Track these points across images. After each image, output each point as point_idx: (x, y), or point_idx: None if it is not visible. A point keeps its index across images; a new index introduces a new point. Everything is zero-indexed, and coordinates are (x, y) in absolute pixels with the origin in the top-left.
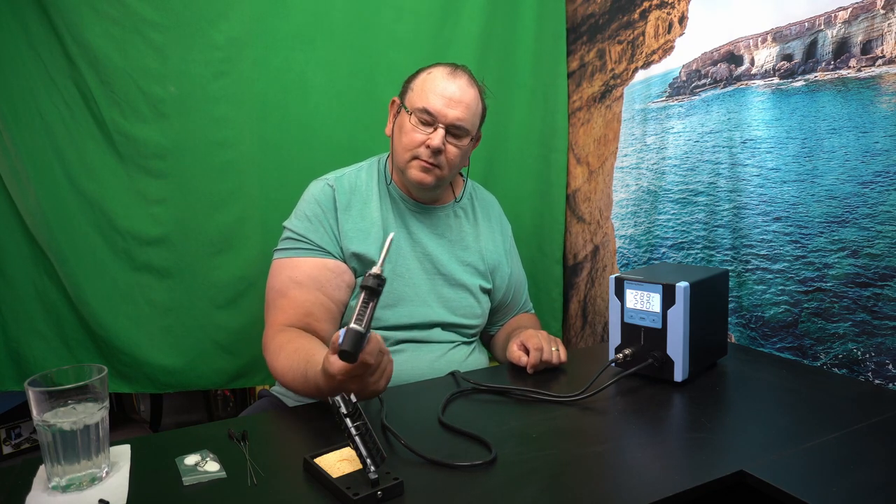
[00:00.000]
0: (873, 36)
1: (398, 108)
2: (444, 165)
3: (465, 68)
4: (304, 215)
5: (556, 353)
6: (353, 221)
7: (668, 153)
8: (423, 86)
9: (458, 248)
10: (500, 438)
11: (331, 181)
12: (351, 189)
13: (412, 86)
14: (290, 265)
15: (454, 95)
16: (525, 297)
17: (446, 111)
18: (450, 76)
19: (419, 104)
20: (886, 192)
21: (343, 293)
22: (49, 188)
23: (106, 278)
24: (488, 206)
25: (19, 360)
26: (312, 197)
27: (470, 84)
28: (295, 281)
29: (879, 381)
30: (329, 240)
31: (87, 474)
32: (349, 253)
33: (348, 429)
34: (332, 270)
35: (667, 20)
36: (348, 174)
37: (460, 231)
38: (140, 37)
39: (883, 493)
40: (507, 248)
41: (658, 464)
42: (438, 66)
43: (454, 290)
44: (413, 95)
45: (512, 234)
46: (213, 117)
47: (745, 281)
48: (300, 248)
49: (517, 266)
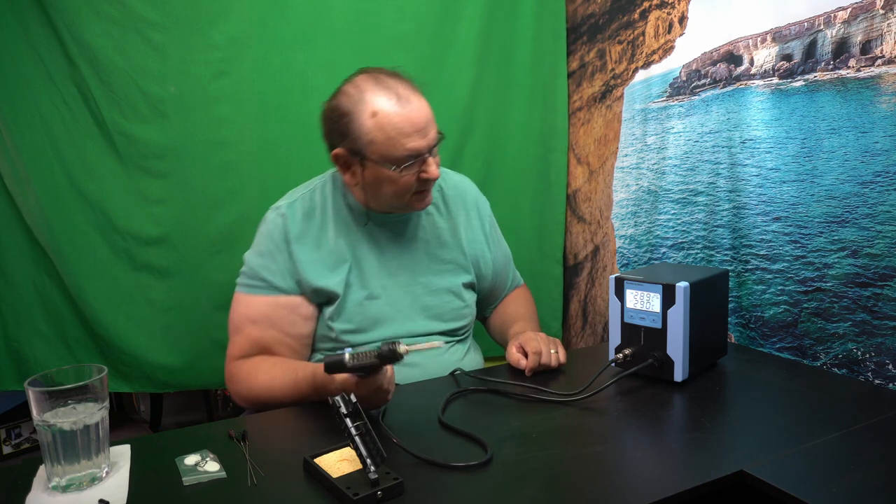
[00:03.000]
0: (873, 36)
1: (350, 159)
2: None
3: (392, 73)
4: (258, 250)
5: (555, 356)
6: (308, 252)
7: (669, 153)
8: (385, 131)
9: (436, 248)
10: (500, 438)
11: (283, 209)
12: (305, 215)
13: (363, 135)
14: (244, 302)
15: (421, 121)
16: (512, 272)
17: (428, 142)
18: (399, 102)
19: (398, 154)
20: (886, 192)
21: (301, 327)
22: (49, 188)
23: (106, 278)
24: (461, 192)
25: (19, 360)
26: (267, 230)
27: (413, 90)
28: (249, 319)
29: (879, 381)
30: (282, 276)
31: (87, 474)
32: (309, 288)
33: (348, 429)
34: (285, 307)
35: (667, 20)
36: (301, 198)
37: (435, 229)
38: (140, 37)
39: (883, 493)
40: (488, 231)
41: (658, 464)
42: (370, 95)
43: (436, 296)
44: (380, 147)
45: (490, 210)
46: (213, 117)
47: (745, 281)
48: (253, 285)
49: (499, 247)
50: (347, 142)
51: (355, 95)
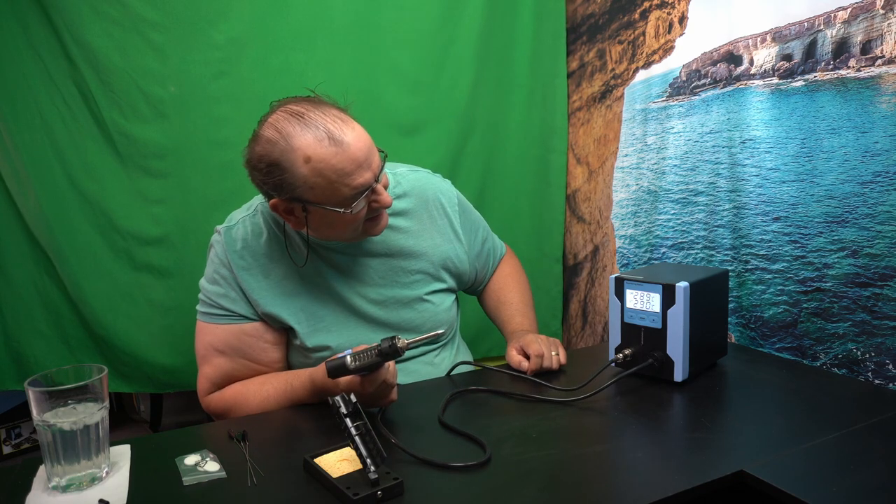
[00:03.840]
0: (873, 36)
1: (290, 205)
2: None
3: (321, 102)
4: (212, 277)
5: (556, 358)
6: (256, 281)
7: (669, 153)
8: (325, 175)
9: (400, 260)
10: (500, 438)
11: (221, 236)
12: (245, 243)
13: (302, 184)
14: (207, 330)
15: (361, 153)
16: (490, 246)
17: (372, 172)
18: (332, 141)
19: (346, 194)
20: (886, 192)
21: (269, 353)
22: (49, 188)
23: (106, 278)
24: (419, 191)
25: (19, 360)
26: (216, 255)
27: (344, 119)
28: (215, 348)
29: (879, 381)
30: (240, 302)
31: (87, 474)
32: (262, 312)
33: (348, 429)
34: (250, 335)
35: (667, 20)
36: (241, 222)
37: (397, 240)
38: (140, 37)
39: (883, 493)
40: (457, 224)
41: (658, 464)
42: (304, 135)
43: (411, 307)
44: (323, 193)
45: (455, 193)
46: (213, 117)
47: (745, 281)
48: (214, 313)
49: (472, 229)
50: (284, 192)
51: (280, 142)
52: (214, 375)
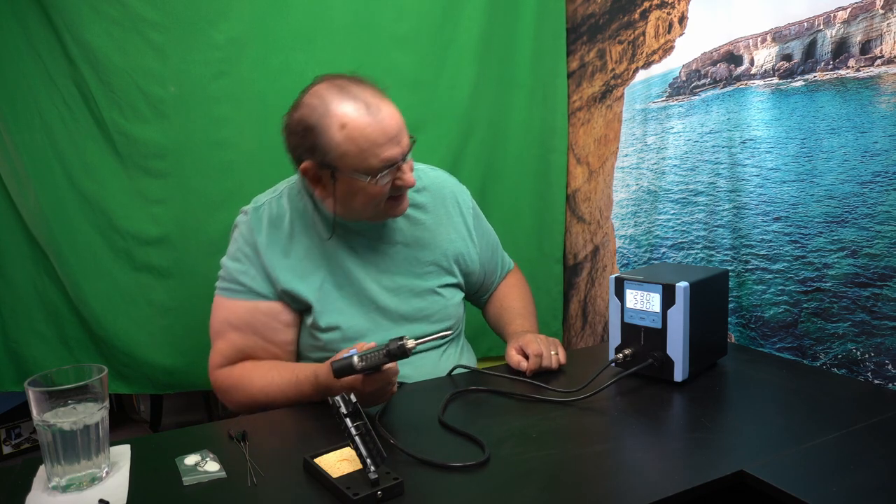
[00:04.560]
0: (872, 36)
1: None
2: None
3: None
4: (233, 254)
5: (555, 358)
6: (277, 259)
7: (669, 153)
8: (358, 145)
9: (416, 250)
10: (500, 438)
11: (249, 215)
12: (270, 222)
13: (334, 149)
14: (224, 306)
15: (392, 128)
16: (500, 259)
17: (401, 148)
18: (368, 111)
19: (373, 164)
20: (886, 192)
21: (282, 334)
22: (49, 188)
23: (106, 278)
24: (439, 188)
25: (19, 361)
26: (240, 234)
27: (382, 97)
28: (231, 324)
29: (879, 381)
30: (260, 280)
31: (87, 474)
32: (280, 290)
33: (348, 429)
34: (265, 314)
35: (667, 20)
36: (267, 204)
37: (413, 231)
38: (140, 37)
39: (883, 493)
40: (470, 225)
41: (658, 464)
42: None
43: (421, 297)
44: (353, 160)
45: (471, 200)
46: (213, 117)
47: (745, 281)
48: (232, 289)
49: (484, 236)
50: (316, 156)
51: (320, 107)
52: (227, 350)
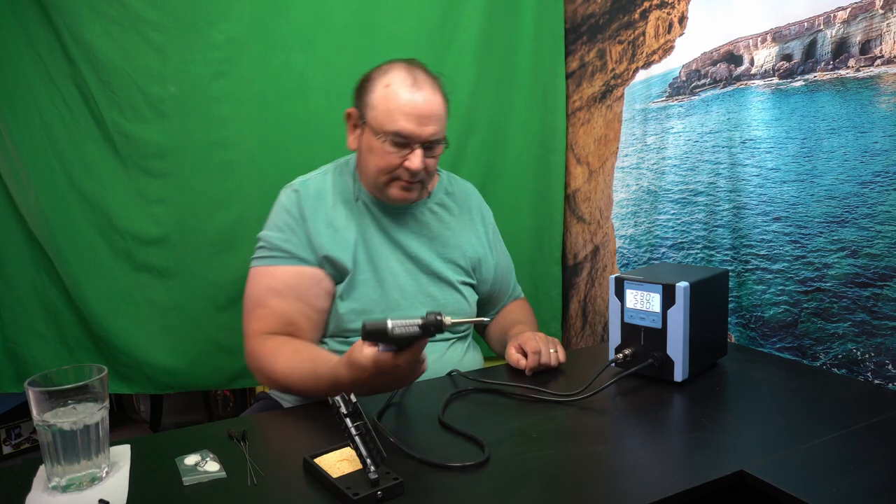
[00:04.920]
0: (872, 36)
1: (358, 121)
2: (425, 178)
3: (422, 67)
4: (275, 225)
5: (554, 355)
6: (321, 227)
7: (668, 153)
8: (387, 104)
9: (438, 245)
10: (500, 438)
11: (296, 187)
12: (317, 194)
13: (372, 101)
14: (266, 274)
15: (424, 111)
16: (513, 283)
17: (420, 131)
18: (413, 87)
19: (389, 127)
20: (886, 192)
21: (323, 301)
22: (49, 188)
23: (106, 278)
24: (466, 197)
25: (18, 361)
26: (282, 206)
27: (434, 90)
28: (273, 290)
29: (879, 381)
30: (304, 247)
31: (87, 474)
32: (321, 256)
33: (348, 429)
34: (309, 279)
35: (667, 20)
36: (313, 179)
37: (438, 227)
38: (140, 37)
39: (883, 493)
40: (490, 238)
41: (658, 464)
42: (395, 72)
43: (440, 287)
44: (377, 115)
45: (493, 220)
46: (213, 117)
47: (745, 281)
48: (276, 256)
49: (502, 254)
50: (360, 103)
51: (385, 68)
52: (269, 317)
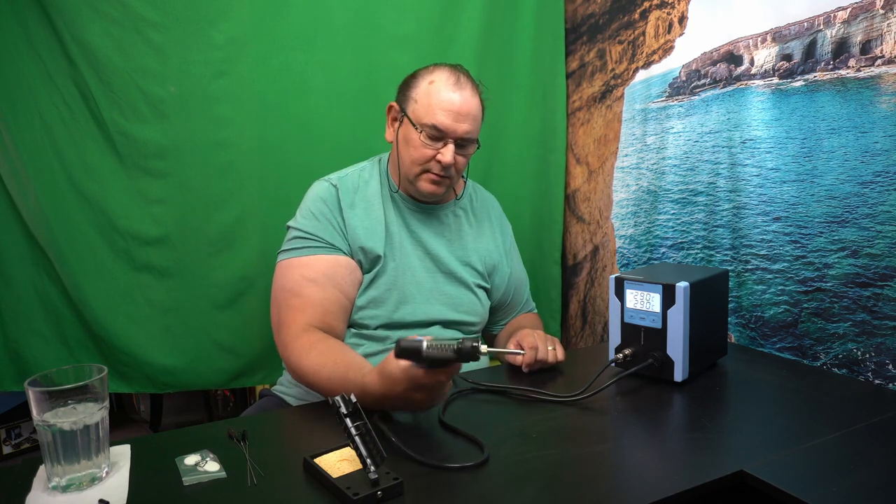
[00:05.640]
0: (872, 36)
1: (398, 114)
2: (454, 175)
3: (465, 71)
4: (310, 214)
5: (552, 352)
6: (358, 219)
7: (668, 153)
8: (429, 99)
9: (458, 247)
10: (500, 438)
11: (334, 181)
12: (354, 189)
13: (414, 96)
14: (301, 264)
15: (461, 109)
16: (526, 296)
17: (455, 126)
18: (455, 87)
19: (427, 120)
20: (886, 192)
21: (355, 289)
22: (49, 188)
23: (106, 278)
24: (488, 206)
25: (18, 361)
26: (317, 195)
27: (473, 93)
28: (309, 279)
29: (879, 381)
30: (338, 237)
31: (87, 474)
32: (356, 247)
33: (348, 429)
34: (345, 267)
35: (667, 20)
36: (350, 174)
37: (459, 230)
38: (140, 37)
39: (883, 493)
40: (507, 248)
41: (658, 464)
42: (440, 72)
43: (456, 286)
44: (418, 108)
45: (512, 234)
46: (213, 117)
47: (745, 281)
48: (310, 245)
49: (517, 266)
50: (403, 98)
51: (431, 68)
52: (305, 306)
